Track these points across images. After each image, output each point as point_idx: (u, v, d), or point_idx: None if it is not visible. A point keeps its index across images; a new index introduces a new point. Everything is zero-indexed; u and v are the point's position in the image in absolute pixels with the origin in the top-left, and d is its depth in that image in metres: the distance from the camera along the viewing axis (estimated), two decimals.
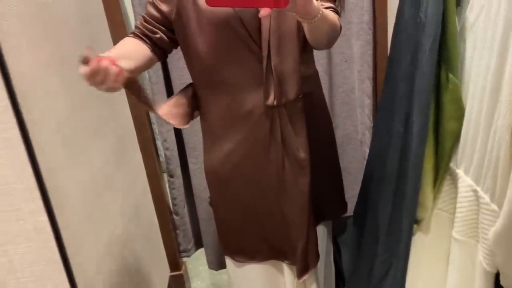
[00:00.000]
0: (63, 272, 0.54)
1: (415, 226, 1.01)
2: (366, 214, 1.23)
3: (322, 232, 1.21)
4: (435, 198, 1.00)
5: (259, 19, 0.97)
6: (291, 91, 1.02)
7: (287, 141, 1.05)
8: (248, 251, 1.18)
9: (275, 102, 1.01)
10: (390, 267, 1.04)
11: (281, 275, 1.21)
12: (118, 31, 1.44)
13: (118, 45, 1.03)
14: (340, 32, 1.04)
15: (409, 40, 0.95)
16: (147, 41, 1.04)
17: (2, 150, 0.54)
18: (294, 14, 0.89)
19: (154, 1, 1.03)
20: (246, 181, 1.11)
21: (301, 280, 1.14)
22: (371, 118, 1.66)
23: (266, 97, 1.01)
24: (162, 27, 1.04)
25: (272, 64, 0.99)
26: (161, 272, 1.71)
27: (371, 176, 1.22)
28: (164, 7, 1.02)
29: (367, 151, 1.72)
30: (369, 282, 1.12)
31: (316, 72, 1.16)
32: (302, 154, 1.06)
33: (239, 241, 1.18)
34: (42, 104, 0.93)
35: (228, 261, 1.24)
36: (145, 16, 1.04)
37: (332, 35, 1.00)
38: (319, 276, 1.23)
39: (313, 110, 1.11)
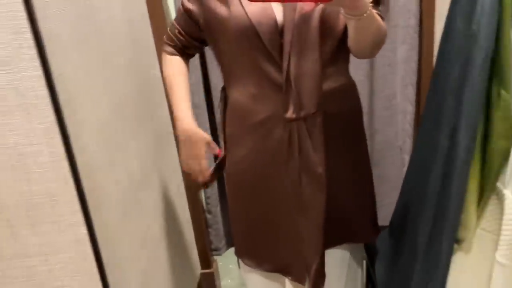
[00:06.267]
0: (99, 283, 0.55)
1: (455, 245, 0.97)
2: (404, 228, 1.19)
3: (343, 253, 1.17)
4: (478, 217, 0.95)
5: (280, 31, 0.96)
6: (311, 105, 0.99)
7: (305, 155, 1.02)
8: (255, 258, 1.18)
9: (294, 115, 0.99)
10: (427, 286, 1.00)
11: None
12: (160, 32, 1.45)
13: (178, 84, 1.15)
14: (385, 40, 1.01)
15: (459, 52, 0.90)
16: (185, 53, 1.16)
17: (49, 163, 0.56)
18: (341, 10, 0.87)
19: (185, 3, 1.06)
20: (259, 190, 1.09)
21: None
22: (413, 125, 1.60)
23: (285, 109, 0.99)
24: (196, 35, 1.10)
25: (291, 77, 0.96)
26: (192, 270, 1.73)
27: (410, 188, 1.17)
28: (187, 5, 1.05)
29: (407, 158, 1.67)
30: None
31: (351, 86, 1.11)
32: (320, 169, 1.02)
33: (248, 246, 1.18)
34: (86, 105, 0.95)
35: (241, 264, 1.24)
36: (179, 28, 1.11)
37: (378, 39, 0.97)
38: None
39: (342, 126, 1.07)
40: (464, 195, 0.92)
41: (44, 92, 0.60)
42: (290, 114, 0.99)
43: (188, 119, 1.11)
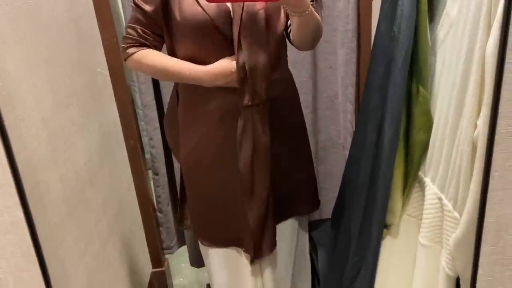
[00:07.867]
0: (37, 265, 0.58)
1: (384, 231, 1.06)
2: (341, 218, 1.27)
3: (292, 226, 1.27)
4: (404, 204, 1.04)
5: (231, 26, 1.05)
6: (262, 93, 1.10)
7: (257, 136, 1.13)
8: (211, 237, 1.26)
9: (249, 102, 1.09)
10: (359, 270, 1.08)
11: (242, 262, 1.27)
12: (107, 30, 1.46)
13: (170, 61, 1.12)
14: (322, 33, 1.11)
15: (383, 53, 0.99)
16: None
17: None
18: (285, 8, 0.98)
19: (139, 4, 1.08)
20: (212, 172, 1.19)
21: (253, 264, 1.22)
22: (353, 124, 1.70)
23: (242, 97, 1.09)
24: (157, 32, 1.12)
25: (247, 68, 1.06)
26: (143, 268, 1.74)
27: (347, 182, 1.26)
28: (148, 7, 1.09)
29: None
30: (341, 283, 1.16)
31: (291, 77, 1.23)
32: (266, 149, 1.13)
33: (205, 226, 1.27)
34: (28, 101, 0.96)
35: (200, 244, 1.32)
36: (142, 28, 1.12)
37: (317, 33, 1.10)
38: (285, 268, 1.28)
39: (286, 112, 1.20)
40: (390, 184, 1.01)
41: None
42: (247, 101, 1.09)
43: (204, 67, 1.08)
